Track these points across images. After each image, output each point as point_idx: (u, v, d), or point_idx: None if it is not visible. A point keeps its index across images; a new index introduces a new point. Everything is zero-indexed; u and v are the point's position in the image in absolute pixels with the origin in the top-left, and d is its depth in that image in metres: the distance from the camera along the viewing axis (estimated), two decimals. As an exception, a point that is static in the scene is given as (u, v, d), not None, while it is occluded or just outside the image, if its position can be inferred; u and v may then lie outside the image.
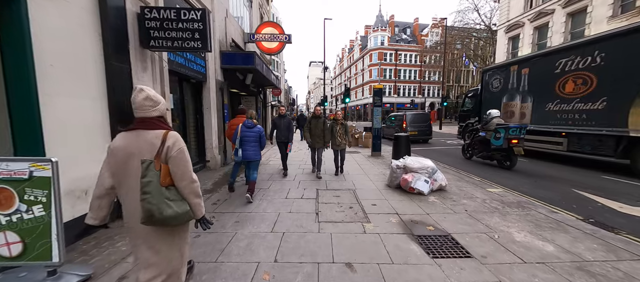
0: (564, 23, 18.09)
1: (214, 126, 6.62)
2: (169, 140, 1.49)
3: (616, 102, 6.07)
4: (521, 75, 8.67)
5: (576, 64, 6.94)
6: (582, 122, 6.80)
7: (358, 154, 9.51)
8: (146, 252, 1.51)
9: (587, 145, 6.79)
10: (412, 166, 4.69)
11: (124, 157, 1.45)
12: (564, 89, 7.23)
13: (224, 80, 7.18)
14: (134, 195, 1.40)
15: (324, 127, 5.90)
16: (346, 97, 14.93)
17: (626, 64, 5.86)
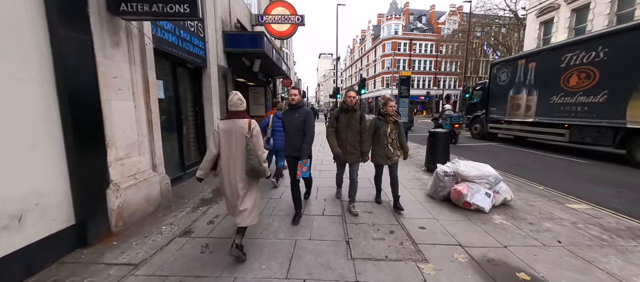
0: (609, 3, 15.95)
1: (215, 119, 5.67)
2: (252, 124, 2.44)
3: (616, 96, 6.36)
4: (528, 69, 8.88)
5: (581, 59, 7.19)
6: (584, 114, 7.12)
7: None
8: (247, 196, 2.44)
9: (588, 136, 7.12)
10: (468, 174, 3.56)
11: (226, 135, 2.38)
12: (569, 82, 7.50)
13: (227, 67, 6.19)
14: (234, 158, 2.36)
15: (361, 128, 3.36)
16: (361, 88, 13.71)
17: (627, 59, 6.10)
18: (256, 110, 10.81)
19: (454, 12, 47.10)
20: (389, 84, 46.29)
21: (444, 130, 5.53)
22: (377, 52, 48.99)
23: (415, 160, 6.92)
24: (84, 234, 2.53)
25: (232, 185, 2.38)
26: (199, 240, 2.75)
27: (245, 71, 7.46)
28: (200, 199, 3.97)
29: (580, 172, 5.84)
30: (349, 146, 3.38)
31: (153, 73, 3.56)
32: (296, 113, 3.05)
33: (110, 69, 2.81)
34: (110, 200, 2.76)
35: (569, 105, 7.52)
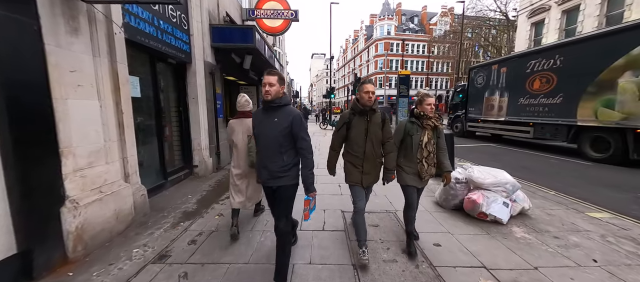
0: (599, 5, 16.19)
1: (202, 122, 5.17)
2: None
3: (569, 98, 7.33)
4: (500, 74, 9.83)
5: (542, 65, 8.15)
6: (545, 114, 8.10)
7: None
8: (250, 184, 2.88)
9: (548, 133, 8.09)
10: (483, 181, 3.22)
11: (236, 132, 2.78)
12: (533, 86, 8.47)
13: (215, 63, 5.69)
14: (240, 151, 2.80)
15: (384, 135, 2.35)
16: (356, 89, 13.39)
17: (577, 67, 7.09)
18: (247, 110, 10.30)
19: (445, 13, 47.59)
20: (382, 84, 46.31)
21: (449, 131, 5.21)
22: (370, 53, 48.96)
23: (416, 163, 6.59)
24: (30, 264, 2.03)
25: (238, 174, 2.87)
26: (176, 267, 2.28)
27: (235, 69, 6.96)
28: (183, 212, 3.48)
29: (586, 175, 5.63)
30: (367, 163, 2.32)
31: (124, 67, 3.06)
32: (275, 115, 1.94)
33: (66, 61, 2.30)
34: (65, 220, 2.26)
35: (533, 106, 8.51)
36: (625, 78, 6.13)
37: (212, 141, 5.55)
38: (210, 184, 4.80)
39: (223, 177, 5.29)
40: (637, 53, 5.86)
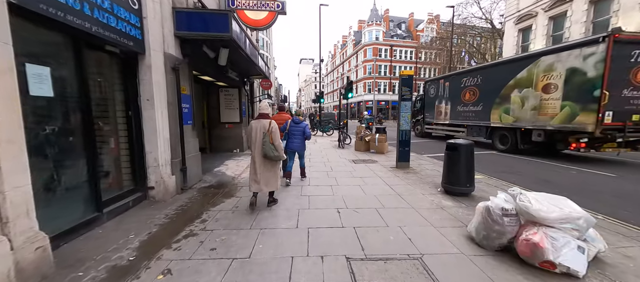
0: (585, 11, 16.33)
1: (161, 130, 4.01)
2: (271, 124, 3.53)
3: (486, 106, 9.99)
4: (445, 87, 12.55)
5: (470, 81, 10.87)
6: (472, 118, 10.80)
7: (374, 163, 7.11)
8: (264, 171, 3.58)
9: (475, 132, 10.70)
10: (547, 215, 2.29)
11: (254, 130, 3.54)
12: (465, 97, 11.15)
13: (181, 57, 4.57)
14: (257, 145, 3.53)
15: None
16: (349, 92, 12.49)
17: (490, 84, 9.78)
18: (228, 115, 9.13)
19: (431, 20, 48.34)
20: (371, 89, 46.10)
21: (467, 142, 4.33)
22: (359, 58, 48.79)
23: (422, 176, 5.68)
24: None
25: (255, 163, 3.61)
26: None
27: (209, 65, 5.84)
28: (109, 269, 2.32)
29: (617, 189, 4.93)
30: None
31: (8, 50, 1.92)
32: None
33: None
34: None
35: (466, 112, 11.22)
36: (515, 93, 8.88)
37: (176, 155, 4.38)
38: (168, 212, 3.63)
39: (189, 200, 4.12)
40: (519, 76, 8.69)
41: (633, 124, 6.72)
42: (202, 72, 6.14)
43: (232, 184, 5.10)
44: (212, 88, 8.82)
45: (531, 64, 8.33)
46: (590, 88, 6.75)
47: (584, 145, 7.02)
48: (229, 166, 6.71)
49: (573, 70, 7.19)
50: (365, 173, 5.99)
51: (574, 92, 7.20)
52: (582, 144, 7.03)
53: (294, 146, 4.93)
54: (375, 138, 9.04)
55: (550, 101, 7.78)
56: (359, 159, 7.75)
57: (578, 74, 7.07)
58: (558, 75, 7.57)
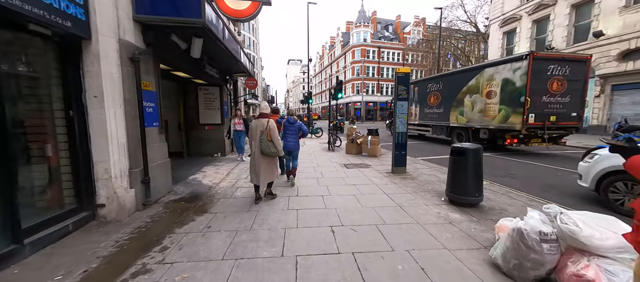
0: (567, 15, 16.74)
1: (114, 133, 3.26)
2: (269, 122, 3.93)
3: (446, 109, 11.55)
4: (415, 91, 14.25)
5: (435, 86, 12.49)
6: (436, 119, 12.41)
7: (368, 168, 6.59)
8: (263, 166, 3.92)
9: (438, 131, 12.40)
10: (601, 243, 1.81)
11: (254, 128, 3.93)
12: (430, 101, 12.82)
13: (144, 46, 3.83)
14: (256, 142, 3.90)
15: None
16: (339, 92, 11.96)
17: (449, 89, 11.39)
18: (208, 116, 8.34)
19: (418, 23, 49.01)
20: (359, 90, 46.02)
21: (474, 146, 3.87)
22: (347, 59, 48.66)
23: (421, 182, 5.20)
24: None
25: (255, 159, 3.95)
26: None
27: (183, 59, 5.10)
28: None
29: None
30: None
31: None
32: None
33: None
34: None
35: (431, 114, 12.93)
36: (467, 98, 10.37)
37: (136, 163, 3.63)
38: (121, 236, 2.89)
39: (151, 219, 3.39)
40: (470, 84, 10.18)
41: (551, 124, 8.31)
42: (174, 66, 5.38)
43: (207, 196, 4.38)
44: (189, 86, 8.01)
45: (478, 74, 9.86)
46: (518, 95, 8.28)
47: (516, 141, 8.63)
48: (207, 174, 5.96)
49: (506, 80, 8.73)
50: (359, 180, 5.44)
51: (507, 98, 8.75)
52: (515, 140, 8.63)
53: (289, 145, 4.98)
54: (368, 141, 8.54)
55: (491, 105, 9.34)
56: (351, 164, 7.21)
57: (510, 83, 8.61)
58: (497, 84, 9.09)
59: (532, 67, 7.96)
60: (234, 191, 4.66)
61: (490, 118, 9.32)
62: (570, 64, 8.33)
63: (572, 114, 8.50)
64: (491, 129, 9.33)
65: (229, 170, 6.35)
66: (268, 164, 4.01)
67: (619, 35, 14.05)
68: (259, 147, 3.88)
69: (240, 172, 6.15)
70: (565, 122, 8.47)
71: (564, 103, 8.38)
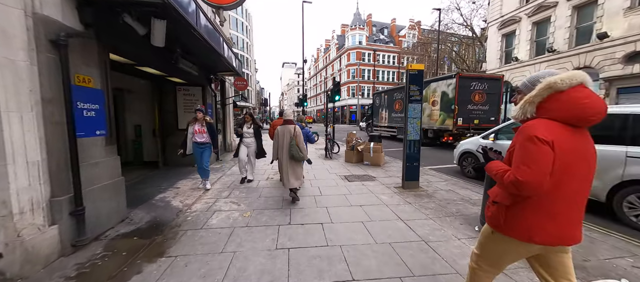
0: (569, 17, 16.29)
1: (16, 146, 2.23)
2: (296, 129, 4.08)
3: None
4: (384, 99, 16.50)
5: (398, 95, 14.48)
6: (400, 122, 13.81)
7: (373, 181, 5.65)
8: (291, 170, 4.07)
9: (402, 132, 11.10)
10: None
11: (282, 134, 4.11)
12: (396, 107, 14.76)
13: (81, 29, 2.81)
14: (284, 148, 4.08)
15: None
16: (336, 94, 11.04)
17: None
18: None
19: (413, 26, 48.86)
20: (354, 93, 45.35)
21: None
22: (342, 62, 48.04)
23: (441, 202, 4.27)
24: None
25: (283, 164, 4.11)
26: None
27: (143, 49, 4.07)
28: None
29: None
30: None
31: None
32: None
33: None
34: None
35: (396, 118, 14.70)
36: (424, 105, 10.89)
37: (63, 188, 2.59)
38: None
39: (77, 272, 2.35)
40: (424, 94, 11.36)
41: (475, 125, 10.75)
42: (135, 58, 4.35)
43: (171, 227, 3.35)
44: (167, 86, 6.96)
45: (427, 87, 12.34)
46: (450, 104, 10.86)
47: (451, 138, 10.90)
48: (181, 190, 4.91)
49: (443, 92, 11.48)
50: (366, 198, 4.49)
51: (444, 105, 11.43)
52: (450, 137, 10.94)
53: None
54: (370, 148, 7.62)
55: (435, 111, 12.06)
56: (353, 175, 6.26)
57: (445, 95, 11.33)
58: (438, 95, 11.84)
59: (459, 84, 10.63)
60: (208, 217, 3.64)
61: (434, 121, 12.07)
62: (488, 81, 11.23)
63: (491, 119, 11.08)
64: (435, 130, 12.05)
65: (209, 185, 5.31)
66: (296, 169, 4.16)
67: (624, 37, 13.60)
68: (288, 153, 4.05)
69: (222, 188, 5.13)
70: (485, 124, 10.62)
71: (484, 110, 11.04)
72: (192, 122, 4.87)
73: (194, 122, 4.86)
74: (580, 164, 1.24)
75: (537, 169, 1.17)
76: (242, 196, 4.60)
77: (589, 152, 1.27)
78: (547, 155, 1.18)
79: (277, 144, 4.19)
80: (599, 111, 1.19)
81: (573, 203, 1.27)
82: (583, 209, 1.31)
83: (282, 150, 4.11)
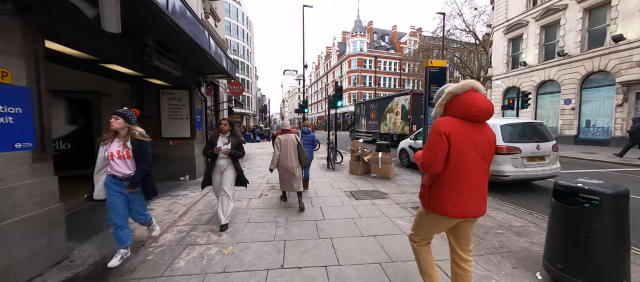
0: (580, 20, 15.60)
1: None
2: (297, 137, 4.36)
3: (379, 121, 17.36)
4: (363, 108, 20.37)
5: (373, 106, 18.25)
6: (374, 128, 17.98)
7: (385, 199, 4.76)
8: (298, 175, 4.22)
9: (375, 136, 17.71)
10: None
11: (285, 143, 4.19)
12: (371, 116, 18.46)
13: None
14: (290, 154, 4.17)
15: None
16: (338, 100, 10.23)
17: (380, 109, 17.24)
18: (174, 128, 6.46)
19: (414, 33, 48.61)
20: (356, 99, 44.75)
21: (614, 188, 2.11)
22: (343, 68, 47.65)
23: (478, 235, 3.38)
24: None
25: (289, 169, 4.16)
26: None
27: (101, 39, 3.27)
28: None
29: None
30: None
31: None
32: None
33: None
34: None
35: (372, 124, 18.37)
36: (388, 115, 15.92)
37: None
38: None
39: None
40: (389, 106, 15.88)
41: None
42: (98, 53, 3.55)
43: (122, 273, 2.46)
44: (149, 89, 6.17)
45: (392, 101, 15.82)
46: (407, 114, 14.00)
47: None
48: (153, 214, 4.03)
49: (402, 105, 14.66)
50: (379, 224, 3.60)
51: (403, 115, 14.51)
52: None
53: None
54: (378, 158, 6.75)
55: (397, 120, 15.13)
56: (360, 191, 5.38)
57: (404, 107, 14.47)
58: (400, 106, 14.91)
59: (412, 99, 13.69)
60: (176, 256, 2.75)
61: (397, 127, 15.19)
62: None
63: None
64: (398, 134, 14.68)
65: (189, 206, 4.43)
66: (300, 173, 4.31)
67: (642, 39, 12.86)
68: (297, 159, 4.23)
69: (204, 209, 4.26)
70: None
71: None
72: (107, 139, 2.63)
73: (110, 138, 2.63)
74: (472, 151, 1.59)
75: (433, 154, 1.60)
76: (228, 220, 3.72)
77: (480, 141, 1.61)
78: (442, 143, 1.58)
79: (279, 152, 4.21)
80: (482, 109, 1.57)
81: (474, 182, 1.62)
82: (484, 187, 1.67)
83: (290, 157, 4.20)
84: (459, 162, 1.57)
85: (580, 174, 6.76)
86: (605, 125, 14.70)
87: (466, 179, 1.60)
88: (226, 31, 39.11)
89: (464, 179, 1.60)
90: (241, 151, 3.64)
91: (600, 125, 14.98)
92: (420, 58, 40.81)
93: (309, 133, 5.54)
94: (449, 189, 1.62)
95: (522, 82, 19.08)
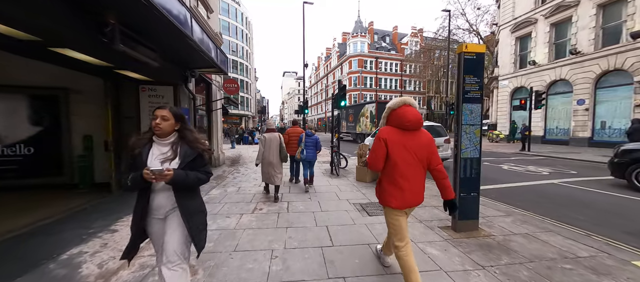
0: (593, 16, 14.84)
1: None
2: (282, 137, 5.08)
3: (355, 124, 21.42)
4: (343, 112, 23.00)
5: (351, 110, 22.73)
6: (352, 129, 22.12)
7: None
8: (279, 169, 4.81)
9: (353, 136, 22.31)
10: None
11: (269, 141, 4.76)
12: (350, 119, 22.85)
13: None
14: (273, 151, 4.78)
15: None
16: (341, 99, 9.40)
17: (356, 113, 21.51)
18: (156, 130, 5.59)
19: (415, 34, 47.97)
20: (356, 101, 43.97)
21: None
22: (344, 69, 46.95)
23: (534, 269, 2.55)
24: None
25: (271, 165, 4.72)
26: None
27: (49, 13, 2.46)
28: None
29: None
30: None
31: None
32: None
33: None
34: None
35: (350, 126, 22.57)
36: (361, 118, 20.12)
37: None
38: None
39: None
40: (361, 111, 20.22)
41: None
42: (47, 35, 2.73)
43: None
44: (128, 84, 5.35)
45: (363, 107, 19.85)
46: (373, 118, 17.75)
47: None
48: (114, 238, 3.17)
49: (371, 111, 18.34)
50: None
51: (370, 119, 18.21)
52: None
53: (309, 156, 5.51)
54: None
55: (368, 122, 18.60)
56: (371, 203, 4.56)
57: (371, 113, 18.23)
58: (369, 112, 18.57)
59: (378, 107, 17.37)
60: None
61: (368, 129, 18.14)
62: None
63: None
64: (367, 134, 16.54)
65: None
66: (280, 168, 4.86)
67: (663, 35, 12.10)
68: (279, 156, 4.82)
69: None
70: None
71: None
72: None
73: None
74: (405, 152, 1.96)
75: (375, 154, 1.99)
76: (209, 248, 2.88)
77: (412, 145, 1.97)
78: (381, 147, 1.98)
79: (263, 148, 4.78)
80: (410, 120, 1.96)
81: (410, 178, 1.97)
82: (421, 182, 2.04)
83: (273, 153, 4.76)
84: (396, 162, 1.96)
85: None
86: (622, 127, 13.87)
87: (402, 175, 1.97)
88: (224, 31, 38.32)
89: (400, 175, 1.97)
90: (203, 171, 1.73)
91: (617, 127, 14.18)
92: (422, 59, 40.16)
93: (312, 135, 5.66)
94: (390, 184, 2.01)
95: (531, 81, 18.31)
